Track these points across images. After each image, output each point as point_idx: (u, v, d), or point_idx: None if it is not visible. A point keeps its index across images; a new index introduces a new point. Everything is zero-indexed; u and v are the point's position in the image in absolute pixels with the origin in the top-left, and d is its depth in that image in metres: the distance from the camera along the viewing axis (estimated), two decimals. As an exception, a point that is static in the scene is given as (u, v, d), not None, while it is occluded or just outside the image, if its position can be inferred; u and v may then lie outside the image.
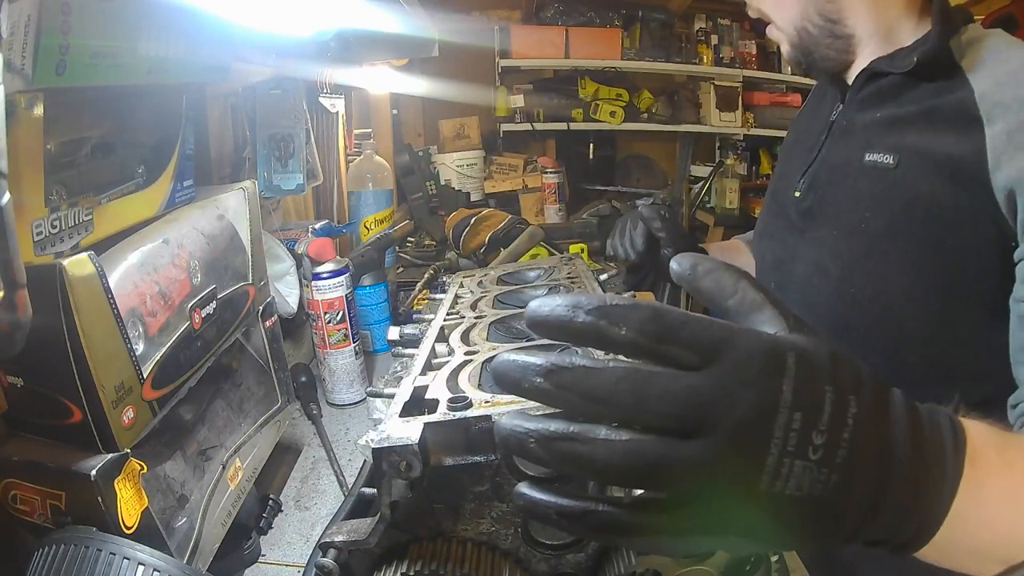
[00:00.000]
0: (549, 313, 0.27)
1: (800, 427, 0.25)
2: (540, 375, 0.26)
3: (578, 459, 0.25)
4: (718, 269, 0.30)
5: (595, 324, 0.26)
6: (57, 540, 0.42)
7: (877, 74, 0.71)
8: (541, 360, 0.26)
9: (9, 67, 0.39)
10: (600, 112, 2.47)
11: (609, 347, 0.26)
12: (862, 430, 0.27)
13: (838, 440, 0.26)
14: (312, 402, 0.93)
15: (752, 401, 0.25)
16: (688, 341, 0.26)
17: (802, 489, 0.25)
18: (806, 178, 0.77)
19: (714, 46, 2.54)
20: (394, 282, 1.34)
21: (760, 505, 0.25)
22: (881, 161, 0.67)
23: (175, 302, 0.55)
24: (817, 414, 0.26)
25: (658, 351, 0.26)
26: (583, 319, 0.26)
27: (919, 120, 0.65)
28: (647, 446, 0.25)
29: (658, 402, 0.25)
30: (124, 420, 0.47)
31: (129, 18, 0.50)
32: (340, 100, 1.33)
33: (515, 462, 0.40)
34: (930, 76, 0.66)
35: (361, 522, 0.42)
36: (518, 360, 0.26)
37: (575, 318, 0.26)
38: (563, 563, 0.42)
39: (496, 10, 2.50)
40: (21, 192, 0.42)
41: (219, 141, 0.92)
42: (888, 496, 0.27)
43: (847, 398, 0.27)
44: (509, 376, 0.27)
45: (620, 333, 0.26)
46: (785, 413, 0.25)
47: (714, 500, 0.25)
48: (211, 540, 0.57)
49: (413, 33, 0.97)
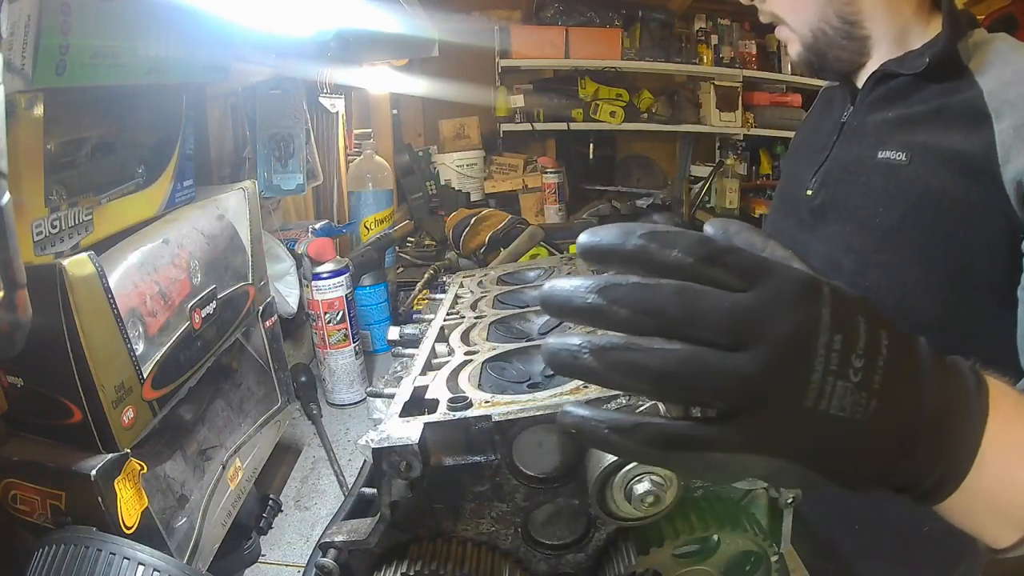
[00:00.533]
0: (601, 239, 0.27)
1: (840, 348, 0.26)
2: (592, 292, 0.26)
3: (633, 367, 0.25)
4: (747, 229, 0.32)
5: (646, 246, 0.26)
6: (57, 540, 0.42)
7: (888, 75, 0.72)
8: (594, 278, 0.26)
9: (9, 67, 0.39)
10: (600, 112, 2.47)
11: (657, 269, 0.27)
12: (895, 359, 0.27)
13: (874, 365, 0.27)
14: (312, 402, 0.93)
15: (795, 319, 0.26)
16: (734, 265, 0.27)
17: (845, 410, 0.26)
18: (818, 177, 0.79)
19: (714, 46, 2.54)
20: (394, 282, 1.34)
21: (806, 423, 0.26)
22: (893, 158, 0.69)
23: (175, 302, 0.55)
24: (854, 338, 0.27)
25: (705, 273, 0.26)
26: (634, 242, 0.27)
27: (929, 118, 0.67)
28: (703, 354, 0.25)
29: (709, 316, 0.26)
30: (124, 420, 0.47)
31: (129, 18, 0.50)
32: (340, 100, 1.33)
33: (515, 462, 0.40)
34: (939, 77, 0.68)
35: (361, 522, 0.42)
36: (569, 281, 0.27)
37: (626, 242, 0.27)
38: (563, 563, 0.42)
39: (496, 10, 2.50)
40: (21, 192, 0.42)
41: (219, 141, 0.92)
42: (919, 431, 0.28)
43: (878, 330, 0.28)
44: (557, 297, 0.27)
45: (670, 255, 0.26)
46: (826, 333, 0.26)
47: (764, 414, 0.26)
48: (211, 540, 0.57)
49: (413, 33, 0.97)
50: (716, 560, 0.41)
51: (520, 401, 0.41)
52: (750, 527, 0.41)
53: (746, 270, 0.27)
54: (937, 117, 0.67)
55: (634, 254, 0.27)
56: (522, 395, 0.42)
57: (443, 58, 1.19)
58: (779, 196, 0.93)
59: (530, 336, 0.59)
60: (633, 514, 0.39)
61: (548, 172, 2.35)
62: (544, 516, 0.42)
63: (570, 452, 0.40)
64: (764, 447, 0.27)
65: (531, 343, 0.55)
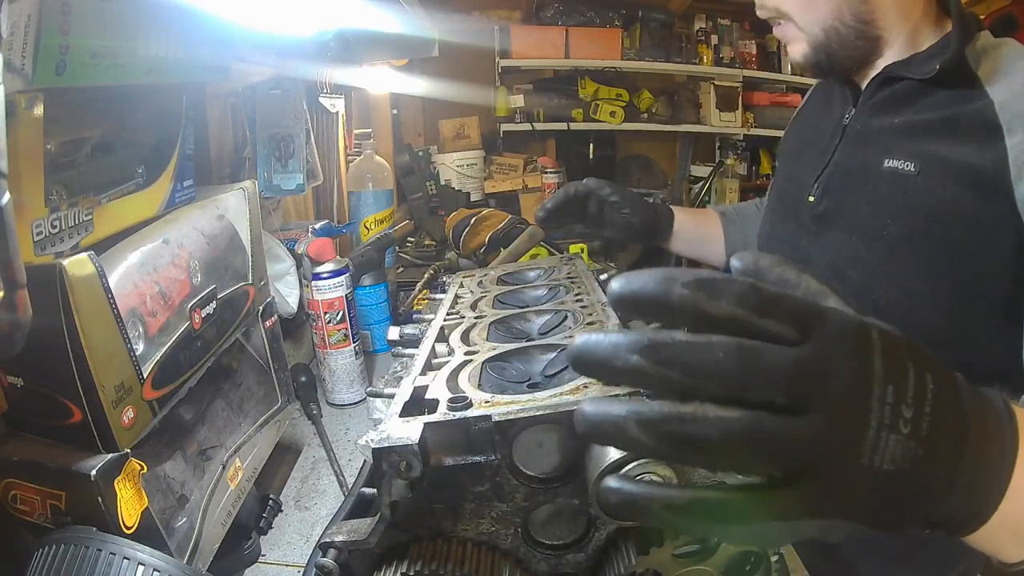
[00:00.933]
0: (640, 288, 0.25)
1: (893, 400, 0.25)
2: (636, 352, 0.24)
3: (690, 441, 0.24)
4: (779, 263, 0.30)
5: (693, 297, 0.24)
6: (57, 540, 0.42)
7: (891, 78, 0.70)
8: (636, 336, 0.24)
9: (9, 67, 0.39)
10: (600, 112, 2.47)
11: (707, 323, 0.24)
12: (940, 403, 0.27)
13: (922, 413, 0.26)
14: (312, 402, 0.93)
15: (851, 374, 0.25)
16: (786, 315, 0.25)
17: (896, 463, 0.26)
18: (821, 182, 0.77)
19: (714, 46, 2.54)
20: (394, 282, 1.34)
21: (863, 481, 0.26)
22: (902, 168, 0.67)
23: (175, 302, 0.55)
24: (905, 387, 0.26)
25: (758, 325, 0.25)
26: (680, 292, 0.24)
27: (939, 128, 0.66)
28: (762, 422, 0.24)
29: (768, 376, 0.24)
30: (124, 420, 0.47)
31: (129, 18, 0.50)
32: (340, 100, 1.33)
33: (515, 462, 0.40)
34: (948, 84, 0.66)
35: (361, 522, 0.42)
36: (606, 339, 0.25)
37: (671, 291, 0.24)
38: (563, 563, 0.42)
39: (496, 10, 2.50)
40: (21, 192, 0.42)
41: (219, 141, 0.92)
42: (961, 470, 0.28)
43: (924, 373, 0.27)
44: (595, 355, 0.25)
45: (720, 306, 0.24)
46: (879, 386, 0.25)
47: (824, 477, 0.25)
48: (211, 540, 0.57)
49: (413, 33, 0.97)
50: (716, 560, 0.41)
51: (520, 401, 0.41)
52: (750, 527, 0.41)
53: (799, 320, 0.25)
54: (947, 127, 0.65)
55: (681, 306, 0.24)
56: (522, 395, 0.42)
57: (443, 58, 1.19)
58: (776, 198, 0.90)
59: (530, 336, 0.59)
60: (633, 514, 0.39)
61: (548, 172, 2.35)
62: (544, 516, 0.42)
63: (570, 452, 0.40)
64: (822, 511, 0.26)
65: (531, 343, 0.55)
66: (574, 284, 0.70)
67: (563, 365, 0.50)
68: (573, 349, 0.26)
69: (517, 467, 0.40)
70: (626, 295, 0.25)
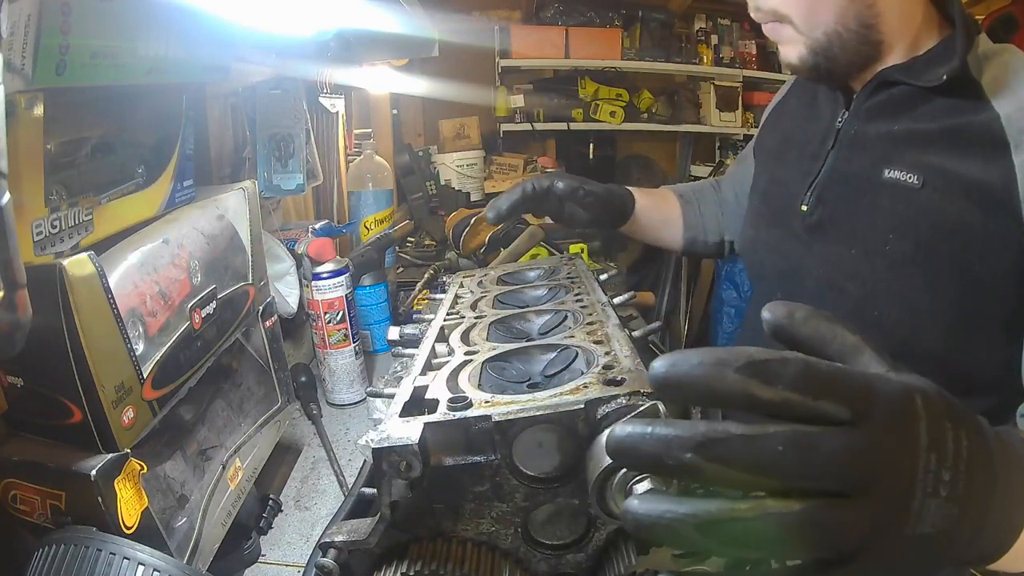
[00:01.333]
0: (688, 372, 0.24)
1: (935, 467, 0.26)
2: (689, 450, 0.23)
3: (750, 539, 0.24)
4: (813, 316, 0.30)
5: (745, 383, 0.24)
6: (57, 540, 0.42)
7: (887, 82, 0.68)
8: (687, 431, 0.24)
9: (9, 67, 0.39)
10: (600, 112, 2.48)
11: (760, 407, 0.24)
12: (974, 461, 0.27)
13: (958, 474, 0.27)
14: (312, 402, 0.93)
15: (902, 451, 0.26)
16: (841, 394, 0.25)
17: (935, 527, 0.26)
18: (814, 191, 0.74)
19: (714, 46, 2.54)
20: (394, 282, 1.34)
21: (907, 550, 0.26)
22: (904, 180, 0.65)
23: (175, 302, 0.55)
24: (945, 451, 0.26)
25: (814, 409, 0.25)
26: (733, 377, 0.24)
27: (942, 139, 0.64)
28: (822, 512, 0.24)
29: (825, 467, 0.24)
30: (124, 420, 0.47)
31: (129, 18, 0.50)
32: (340, 100, 1.33)
33: (515, 462, 0.40)
34: (948, 91, 0.64)
35: (361, 522, 0.42)
36: (654, 432, 0.24)
37: (724, 377, 0.24)
38: (563, 563, 0.42)
39: (496, 10, 2.50)
40: (21, 192, 0.42)
41: (219, 141, 0.92)
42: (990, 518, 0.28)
43: (960, 432, 0.27)
44: (643, 451, 0.24)
45: (775, 391, 0.24)
46: (924, 456, 0.26)
47: (874, 555, 0.26)
48: (211, 540, 0.57)
49: (413, 33, 0.97)
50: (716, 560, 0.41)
51: (520, 401, 0.41)
52: (750, 527, 0.41)
53: (851, 399, 0.25)
54: (951, 139, 0.63)
55: (733, 392, 0.24)
56: (522, 395, 0.42)
57: (443, 58, 1.19)
58: (763, 201, 0.85)
59: (530, 336, 0.59)
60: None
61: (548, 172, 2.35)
62: (544, 516, 0.42)
63: (570, 452, 0.40)
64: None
65: (531, 343, 0.54)
66: (574, 284, 0.70)
67: (563, 365, 0.50)
68: (615, 441, 0.25)
69: (517, 467, 0.40)
70: (672, 380, 0.25)
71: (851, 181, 0.70)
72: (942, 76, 0.62)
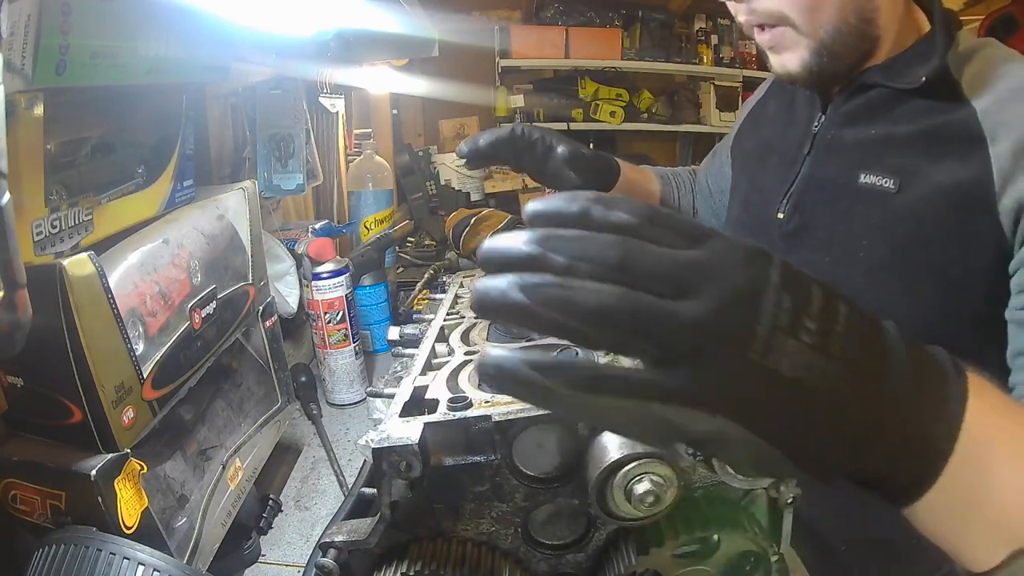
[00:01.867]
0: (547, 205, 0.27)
1: (790, 307, 0.25)
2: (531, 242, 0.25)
3: (567, 303, 0.24)
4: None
5: (589, 207, 0.26)
6: (57, 540, 0.42)
7: (866, 85, 0.66)
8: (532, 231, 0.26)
9: (9, 67, 0.39)
10: (600, 112, 2.47)
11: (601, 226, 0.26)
12: (855, 329, 0.26)
13: (831, 330, 0.25)
14: (312, 402, 0.93)
15: (741, 274, 0.25)
16: (679, 227, 0.26)
17: (797, 371, 0.25)
18: (790, 199, 0.72)
19: (714, 46, 2.54)
20: (394, 282, 1.34)
21: (751, 377, 0.24)
22: (880, 184, 0.63)
23: (175, 302, 0.55)
24: (806, 300, 0.25)
25: (649, 232, 0.25)
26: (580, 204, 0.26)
27: (920, 141, 0.62)
28: (641, 297, 0.24)
29: (650, 264, 0.25)
30: (124, 420, 0.47)
31: (129, 18, 0.50)
32: (340, 100, 1.33)
33: (515, 462, 0.40)
34: (927, 92, 0.62)
35: (361, 522, 0.42)
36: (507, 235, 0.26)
37: (571, 205, 0.26)
38: (563, 563, 0.42)
39: (496, 10, 2.50)
40: (21, 192, 0.42)
41: (219, 141, 0.92)
42: (887, 407, 0.27)
43: (836, 301, 0.26)
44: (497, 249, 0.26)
45: (613, 214, 0.26)
46: (774, 291, 0.25)
47: (705, 362, 0.24)
48: (211, 540, 0.57)
49: (413, 33, 0.97)
50: (716, 560, 0.41)
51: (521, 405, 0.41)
52: (750, 527, 0.41)
53: (692, 233, 0.26)
54: (929, 140, 0.61)
55: (579, 215, 0.26)
56: (522, 395, 0.42)
57: (443, 58, 1.19)
58: (740, 207, 0.83)
59: (530, 336, 0.59)
60: (633, 514, 0.39)
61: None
62: (544, 516, 0.42)
63: (570, 452, 0.40)
64: (704, 399, 0.25)
65: (531, 343, 0.55)
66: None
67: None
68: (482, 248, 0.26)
69: (517, 467, 0.40)
70: (537, 211, 0.27)
71: (827, 187, 0.68)
72: (921, 78, 0.60)
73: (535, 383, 0.24)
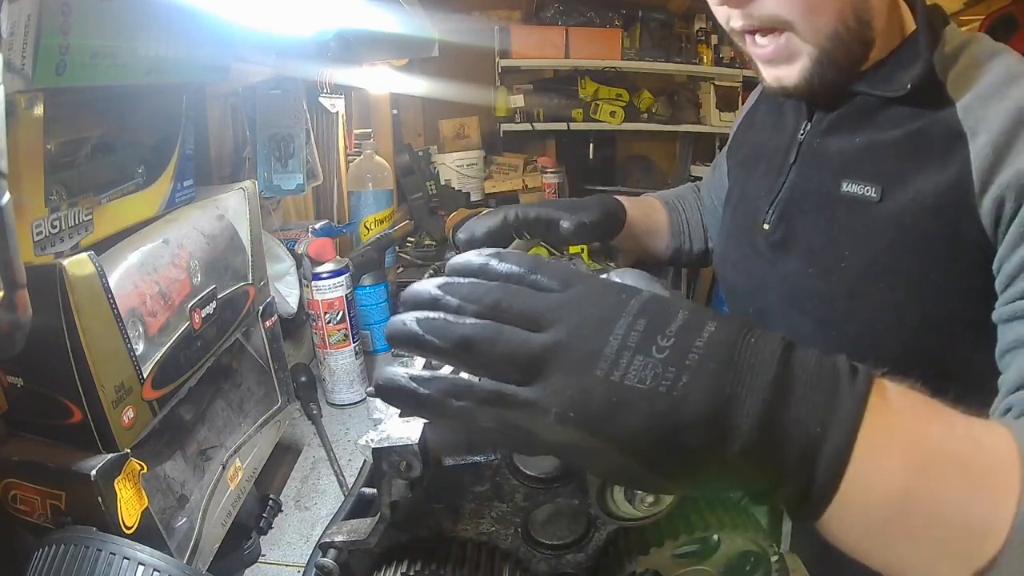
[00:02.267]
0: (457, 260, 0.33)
1: (644, 330, 0.28)
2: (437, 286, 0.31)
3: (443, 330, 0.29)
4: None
5: (487, 261, 0.32)
6: (57, 540, 0.42)
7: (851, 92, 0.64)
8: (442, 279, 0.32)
9: (9, 67, 0.39)
10: (600, 112, 2.47)
11: (494, 276, 0.31)
12: (721, 340, 0.27)
13: (688, 345, 0.27)
14: (312, 402, 0.94)
15: (596, 306, 0.29)
16: (553, 273, 0.31)
17: (644, 382, 0.27)
18: (776, 208, 0.70)
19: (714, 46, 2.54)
20: (394, 282, 1.34)
21: (597, 389, 0.27)
22: (861, 193, 0.61)
23: (175, 302, 0.55)
24: (664, 323, 0.28)
25: (527, 279, 0.31)
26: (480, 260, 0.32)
27: (903, 146, 0.60)
28: (503, 328, 0.29)
29: (517, 305, 0.29)
30: (124, 420, 0.47)
31: (129, 18, 0.50)
32: (340, 100, 1.33)
33: (515, 462, 0.40)
34: (912, 97, 0.59)
35: (361, 522, 0.42)
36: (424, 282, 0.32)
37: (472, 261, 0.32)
38: (563, 563, 0.42)
39: (496, 10, 2.50)
40: (21, 192, 0.42)
41: (219, 141, 0.92)
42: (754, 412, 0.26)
43: (706, 321, 0.28)
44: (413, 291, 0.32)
45: (503, 266, 0.32)
46: (629, 317, 0.28)
47: (554, 378, 0.28)
48: (211, 540, 0.57)
49: (413, 33, 0.97)
50: (716, 560, 0.41)
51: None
52: (750, 527, 0.41)
53: (566, 278, 0.30)
54: (911, 144, 0.59)
55: (478, 268, 0.32)
56: (522, 395, 0.42)
57: (443, 58, 1.19)
58: (730, 216, 0.81)
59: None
60: (633, 514, 0.39)
61: (548, 172, 2.35)
62: (544, 516, 0.42)
63: (570, 452, 0.40)
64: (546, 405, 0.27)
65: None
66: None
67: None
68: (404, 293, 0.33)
69: (517, 467, 0.40)
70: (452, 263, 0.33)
71: (811, 197, 0.67)
72: (906, 85, 0.59)
73: (415, 392, 0.29)
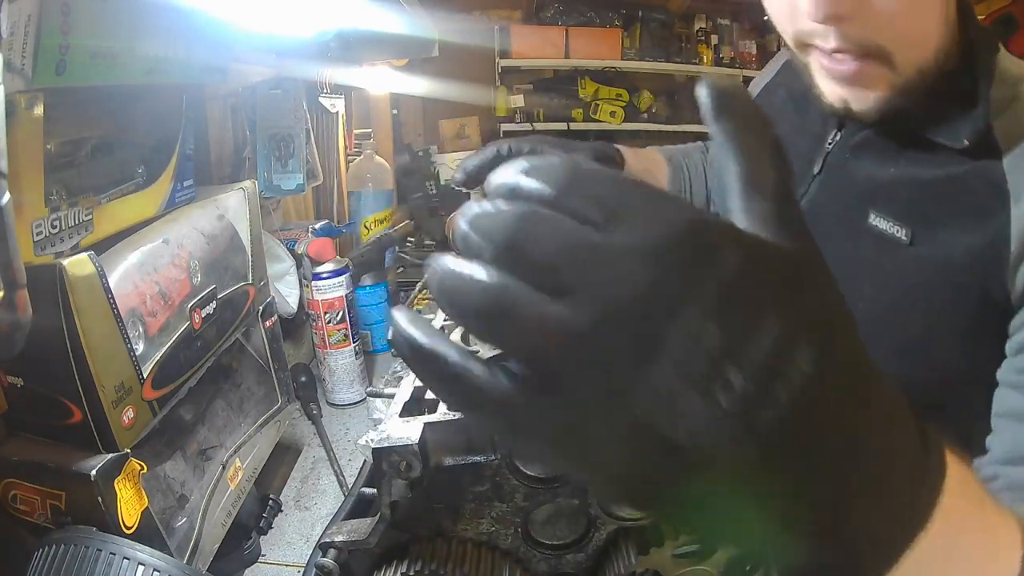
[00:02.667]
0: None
1: (712, 346, 0.17)
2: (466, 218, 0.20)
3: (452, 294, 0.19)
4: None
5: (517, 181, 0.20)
6: (57, 540, 0.42)
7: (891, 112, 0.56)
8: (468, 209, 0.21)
9: (9, 67, 0.39)
10: (600, 112, 2.48)
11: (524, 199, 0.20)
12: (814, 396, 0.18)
13: (768, 397, 0.18)
14: (312, 402, 0.93)
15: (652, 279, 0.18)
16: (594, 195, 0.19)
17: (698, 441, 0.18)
18: None
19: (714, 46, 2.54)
20: (394, 282, 1.34)
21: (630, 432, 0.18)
22: (891, 232, 0.56)
23: (175, 302, 0.55)
24: (742, 341, 0.18)
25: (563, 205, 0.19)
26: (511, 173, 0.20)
27: (939, 188, 0.54)
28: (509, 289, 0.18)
29: (536, 245, 0.19)
30: (124, 420, 0.47)
31: (129, 18, 0.50)
32: (340, 100, 1.33)
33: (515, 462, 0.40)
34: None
35: (361, 522, 0.42)
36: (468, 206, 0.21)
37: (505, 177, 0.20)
38: (563, 563, 0.42)
39: (496, 10, 2.50)
40: (21, 192, 0.42)
41: (219, 141, 0.92)
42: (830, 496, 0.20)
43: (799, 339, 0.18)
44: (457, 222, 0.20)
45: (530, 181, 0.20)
46: (692, 315, 0.17)
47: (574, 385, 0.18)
48: (211, 540, 0.57)
49: (413, 33, 0.97)
50: (716, 560, 0.41)
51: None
52: (750, 527, 0.41)
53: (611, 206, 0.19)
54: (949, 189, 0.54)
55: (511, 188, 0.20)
56: (522, 395, 0.42)
57: (443, 58, 1.19)
58: None
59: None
60: (633, 514, 0.39)
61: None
62: (544, 516, 0.42)
63: (570, 452, 0.40)
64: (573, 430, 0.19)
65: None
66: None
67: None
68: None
69: (517, 467, 0.40)
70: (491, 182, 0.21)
71: (834, 220, 0.62)
72: (963, 141, 0.52)
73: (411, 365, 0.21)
